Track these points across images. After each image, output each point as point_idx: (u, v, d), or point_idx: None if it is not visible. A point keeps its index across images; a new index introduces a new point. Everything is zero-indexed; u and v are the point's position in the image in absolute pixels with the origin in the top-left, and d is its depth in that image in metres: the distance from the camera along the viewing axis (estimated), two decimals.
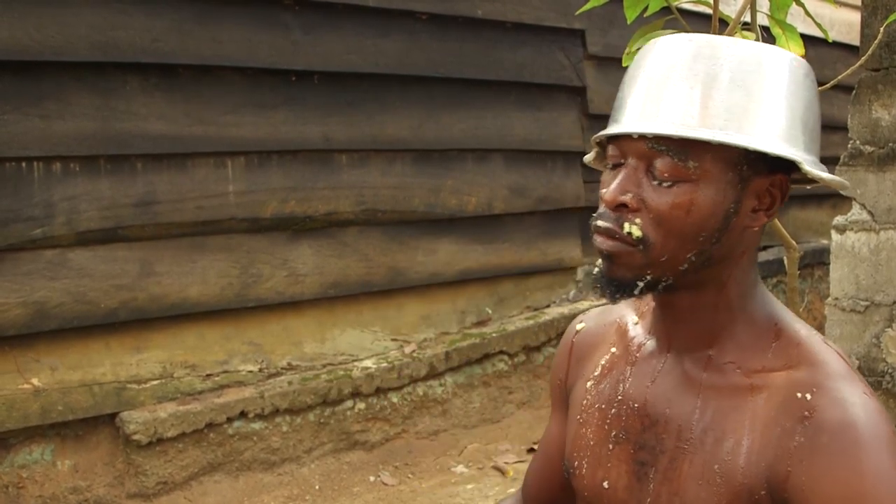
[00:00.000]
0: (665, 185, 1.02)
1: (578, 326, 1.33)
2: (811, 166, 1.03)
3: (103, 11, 3.01)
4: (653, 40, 1.09)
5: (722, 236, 1.04)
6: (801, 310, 2.15)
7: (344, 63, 3.56)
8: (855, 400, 0.99)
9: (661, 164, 1.02)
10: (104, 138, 3.04)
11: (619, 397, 1.17)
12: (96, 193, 3.04)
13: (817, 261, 5.24)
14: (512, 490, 3.44)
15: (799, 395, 1.01)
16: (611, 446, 1.16)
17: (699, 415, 1.07)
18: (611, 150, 1.08)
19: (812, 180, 1.07)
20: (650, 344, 1.18)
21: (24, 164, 2.92)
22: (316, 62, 3.49)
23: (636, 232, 1.03)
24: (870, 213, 2.43)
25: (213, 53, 3.24)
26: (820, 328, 3.16)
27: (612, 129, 1.06)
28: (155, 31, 3.11)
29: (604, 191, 1.06)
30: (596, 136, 1.12)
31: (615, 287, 1.06)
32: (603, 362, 1.23)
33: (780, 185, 1.06)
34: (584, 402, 1.22)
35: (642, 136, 1.02)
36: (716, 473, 1.04)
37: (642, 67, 1.07)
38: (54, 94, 2.95)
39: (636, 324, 1.23)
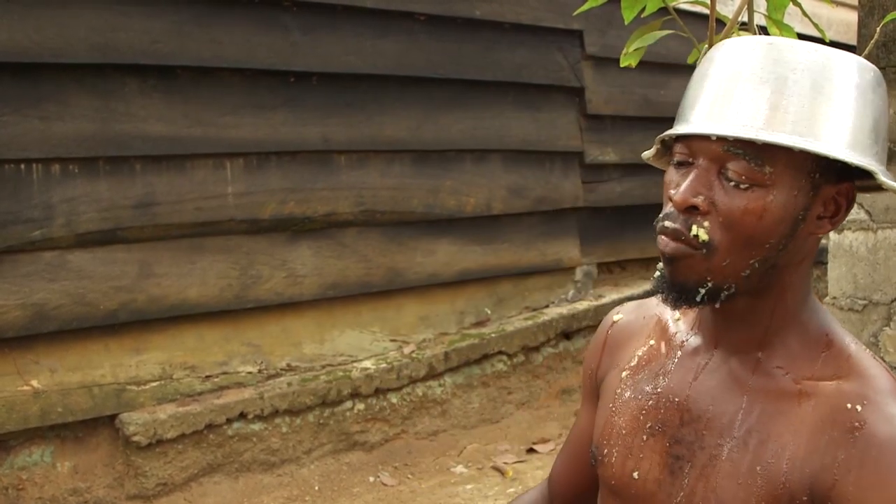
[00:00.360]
0: (740, 188, 1.00)
1: (615, 318, 1.31)
2: (885, 177, 1.01)
3: (102, 13, 3.01)
4: (725, 40, 1.07)
5: (788, 243, 1.03)
6: None
7: (343, 64, 3.57)
8: None
9: (736, 167, 1.00)
10: (103, 140, 3.05)
11: (658, 390, 1.16)
12: (95, 195, 3.04)
13: (816, 260, 5.23)
14: (512, 490, 3.45)
15: (849, 406, 1.00)
16: (644, 437, 1.15)
17: (744, 415, 1.07)
18: (679, 148, 1.05)
19: (872, 188, 1.07)
20: (693, 340, 1.16)
21: (23, 166, 2.92)
22: (315, 63, 3.50)
23: (703, 235, 1.01)
24: (867, 212, 2.44)
25: (212, 55, 3.25)
26: None
27: (687, 129, 1.04)
28: (154, 32, 3.11)
29: (672, 192, 1.04)
30: (666, 133, 1.09)
31: (677, 292, 1.05)
32: (640, 353, 1.22)
33: (847, 194, 1.05)
34: (618, 390, 1.21)
35: (721, 139, 1.00)
36: (757, 475, 1.04)
37: (714, 67, 1.05)
38: (53, 96, 2.95)
39: (677, 320, 1.21)
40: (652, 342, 1.22)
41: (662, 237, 1.04)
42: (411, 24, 3.76)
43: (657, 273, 1.08)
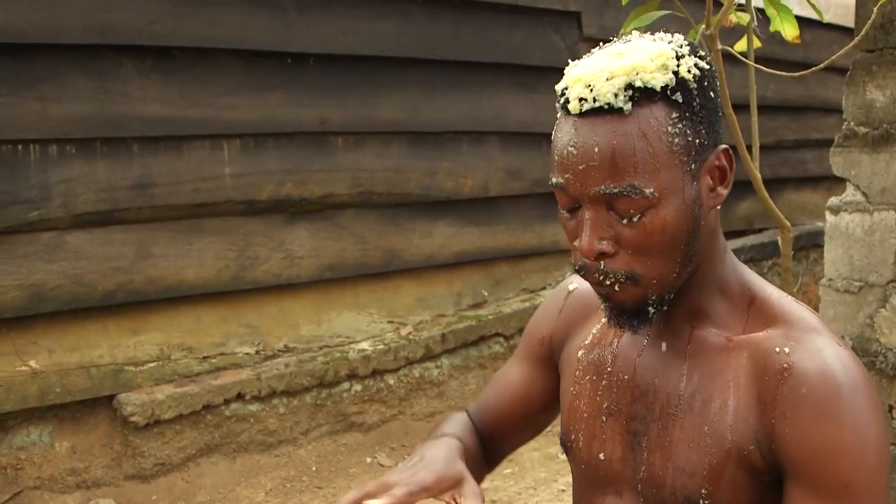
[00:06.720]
0: (634, 220, 1.01)
1: (571, 287, 1.33)
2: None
3: None
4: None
5: (698, 231, 1.05)
6: (794, 290, 2.17)
7: (339, 45, 3.56)
8: (830, 351, 1.03)
9: (621, 205, 1.01)
10: (100, 121, 3.04)
11: (609, 369, 1.20)
12: (93, 176, 3.04)
13: (812, 243, 5.24)
14: (508, 471, 3.46)
15: (777, 350, 1.05)
16: (604, 418, 1.19)
17: (686, 381, 1.11)
18: (559, 194, 1.06)
19: None
20: None
21: (20, 147, 2.92)
22: (311, 44, 3.49)
23: (622, 273, 1.04)
24: (864, 193, 2.44)
25: (208, 35, 3.24)
26: (815, 309, 3.17)
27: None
28: (150, 13, 3.10)
29: (577, 242, 1.05)
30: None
31: (630, 318, 1.08)
32: (594, 331, 1.25)
33: (725, 154, 1.07)
34: (577, 372, 1.24)
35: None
36: (706, 434, 1.08)
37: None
38: (50, 77, 2.95)
39: None
40: (605, 320, 1.23)
41: (591, 284, 1.08)
42: (408, 6, 3.75)
43: (603, 306, 1.10)
